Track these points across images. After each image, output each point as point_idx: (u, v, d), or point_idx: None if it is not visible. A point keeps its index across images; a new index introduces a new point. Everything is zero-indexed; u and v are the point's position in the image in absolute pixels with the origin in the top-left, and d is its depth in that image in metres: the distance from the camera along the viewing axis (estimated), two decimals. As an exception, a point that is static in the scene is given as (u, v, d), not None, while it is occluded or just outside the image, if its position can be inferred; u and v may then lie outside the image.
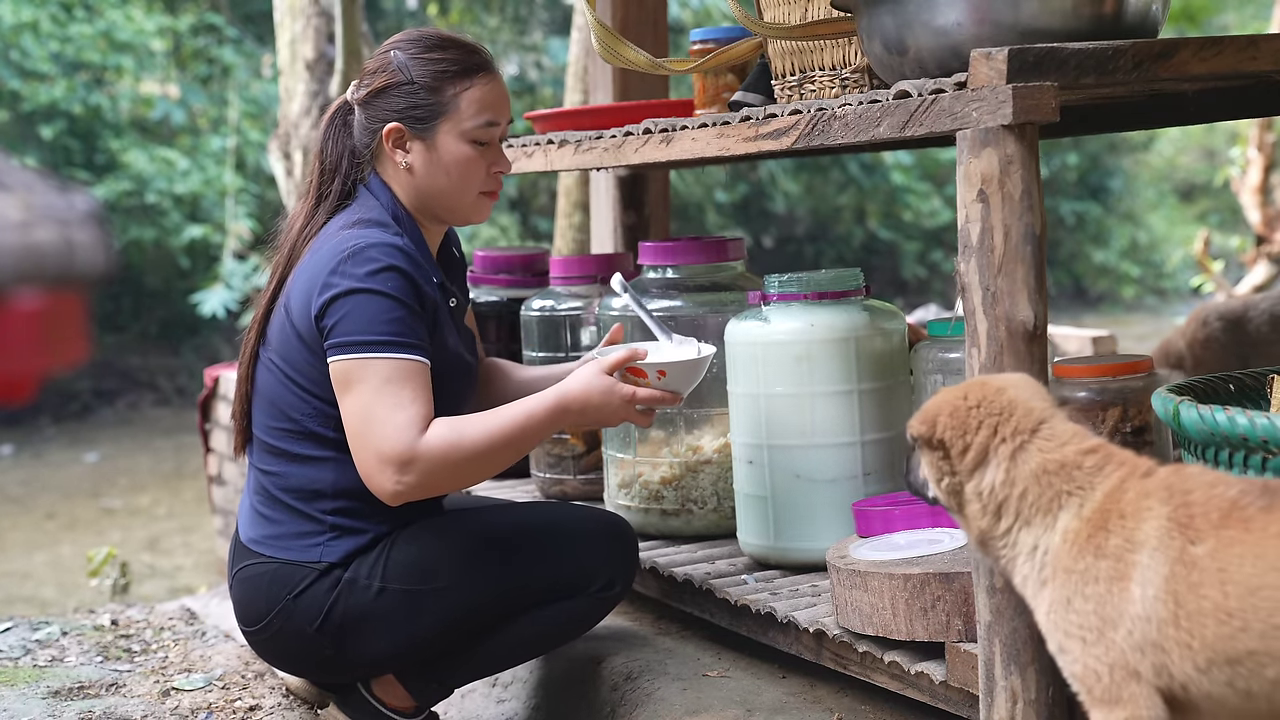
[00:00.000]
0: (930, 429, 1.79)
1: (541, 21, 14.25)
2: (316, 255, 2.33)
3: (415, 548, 2.37)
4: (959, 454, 1.77)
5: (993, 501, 1.74)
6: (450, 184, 2.39)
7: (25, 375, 0.97)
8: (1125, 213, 18.24)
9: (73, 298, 0.99)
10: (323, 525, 2.37)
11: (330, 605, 2.35)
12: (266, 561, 2.39)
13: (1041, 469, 1.72)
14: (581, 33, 5.68)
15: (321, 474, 2.36)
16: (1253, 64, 2.05)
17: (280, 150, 5.60)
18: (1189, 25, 10.28)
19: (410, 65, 2.36)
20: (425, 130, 2.37)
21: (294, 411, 2.36)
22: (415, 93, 2.35)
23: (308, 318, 2.30)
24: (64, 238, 0.96)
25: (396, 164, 2.39)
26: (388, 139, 2.37)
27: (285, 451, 2.38)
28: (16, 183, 0.97)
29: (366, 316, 2.24)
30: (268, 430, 2.40)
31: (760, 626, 2.52)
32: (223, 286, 10.00)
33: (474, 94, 2.37)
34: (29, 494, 8.98)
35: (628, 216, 3.89)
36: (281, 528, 2.39)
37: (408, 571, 2.36)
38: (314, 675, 2.59)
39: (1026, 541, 1.73)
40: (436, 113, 2.36)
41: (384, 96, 2.37)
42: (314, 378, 2.33)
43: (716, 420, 2.91)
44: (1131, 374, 2.60)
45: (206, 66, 12.58)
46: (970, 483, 1.76)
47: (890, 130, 2.09)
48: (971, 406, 1.77)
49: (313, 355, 2.32)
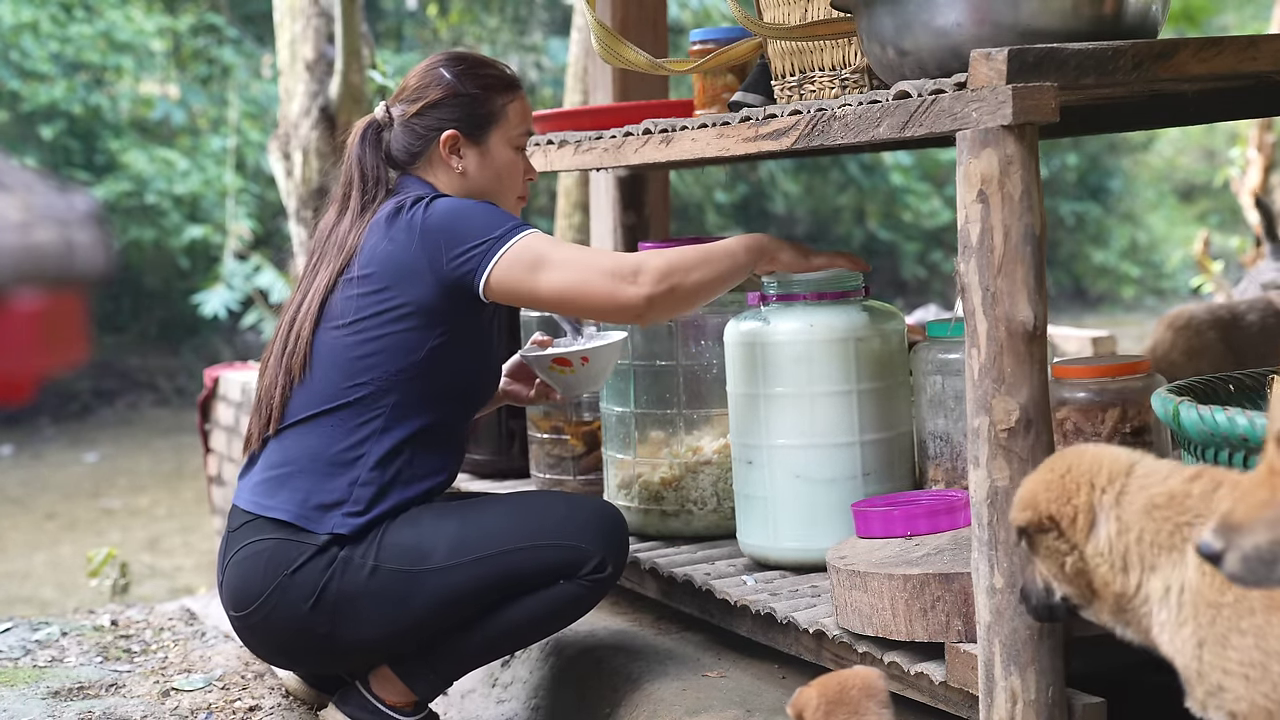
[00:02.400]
0: (1035, 511, 1.72)
1: (541, 22, 14.25)
2: (394, 222, 2.47)
3: (410, 530, 2.41)
4: (1070, 523, 1.69)
5: (1115, 556, 1.66)
6: (499, 186, 2.62)
7: (25, 375, 0.97)
8: (1125, 213, 18.25)
9: (73, 298, 0.99)
10: (347, 497, 2.41)
11: (325, 583, 2.38)
12: (264, 540, 2.42)
13: (1149, 504, 1.65)
14: (581, 33, 5.68)
15: (367, 443, 2.43)
16: (1252, 64, 2.05)
17: (280, 150, 5.60)
18: (1189, 26, 10.28)
19: (464, 79, 2.60)
20: (481, 136, 2.60)
21: (361, 375, 2.44)
22: (471, 103, 2.59)
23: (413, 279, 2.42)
24: (64, 238, 0.96)
25: (451, 168, 2.59)
26: (445, 145, 2.58)
27: (339, 418, 2.44)
28: (16, 183, 0.97)
29: (482, 222, 2.43)
30: (323, 398, 2.46)
31: (760, 627, 2.52)
32: (224, 287, 9.99)
33: (517, 105, 2.63)
34: (29, 494, 8.98)
35: (627, 217, 3.89)
36: (303, 494, 2.42)
37: (401, 552, 2.39)
38: (303, 662, 2.60)
39: (1157, 587, 1.63)
40: (490, 120, 2.60)
41: (439, 108, 2.58)
42: (396, 345, 2.44)
43: (716, 421, 2.91)
44: (1131, 374, 2.60)
45: (206, 67, 12.58)
46: (1089, 546, 1.68)
47: (890, 131, 2.09)
48: (1062, 474, 1.72)
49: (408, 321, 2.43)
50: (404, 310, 2.43)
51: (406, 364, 2.44)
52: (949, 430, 2.61)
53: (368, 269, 2.46)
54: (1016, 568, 1.95)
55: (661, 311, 2.43)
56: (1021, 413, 1.93)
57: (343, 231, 2.52)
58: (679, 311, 2.51)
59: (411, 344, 2.44)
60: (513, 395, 2.89)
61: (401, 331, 2.44)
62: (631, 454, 2.96)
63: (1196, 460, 1.95)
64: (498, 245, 2.40)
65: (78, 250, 0.97)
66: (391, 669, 2.47)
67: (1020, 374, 1.93)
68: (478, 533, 2.43)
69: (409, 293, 2.43)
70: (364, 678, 2.49)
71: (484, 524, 2.45)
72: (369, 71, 5.48)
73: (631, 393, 2.96)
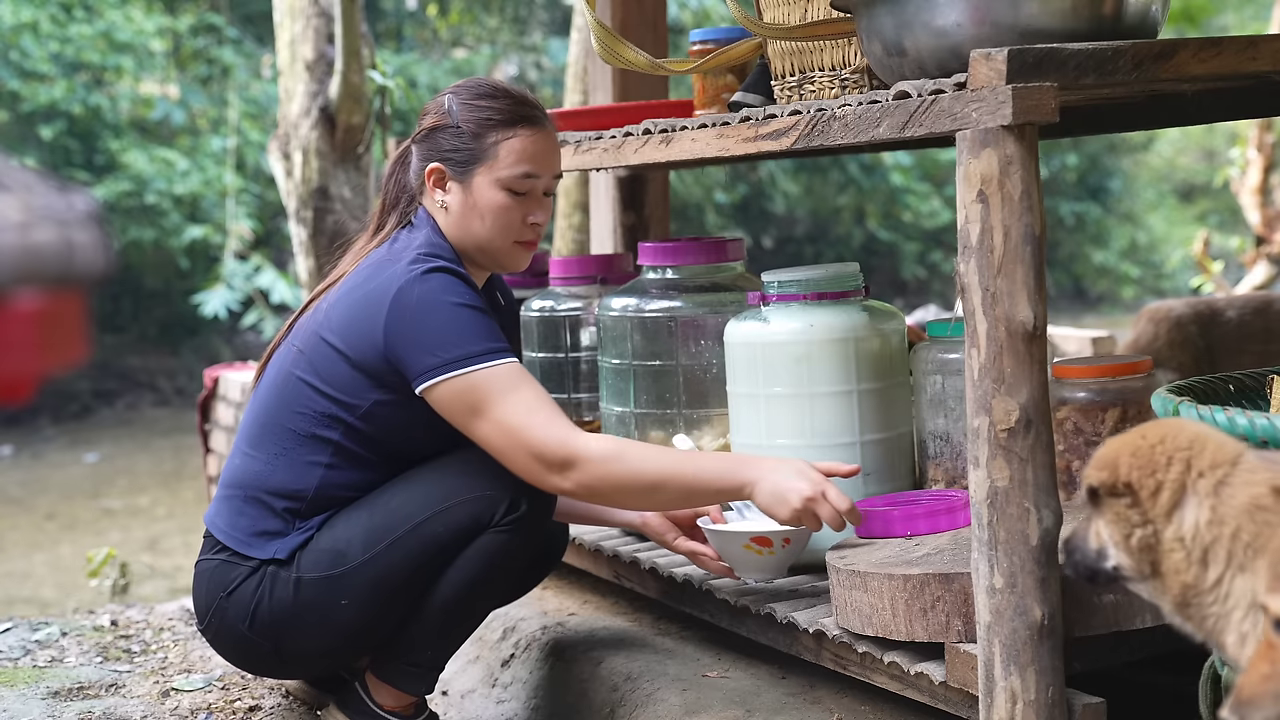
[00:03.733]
0: (1113, 473, 1.60)
1: (541, 22, 14.25)
2: (367, 283, 2.36)
3: (325, 535, 2.37)
4: (1150, 495, 1.57)
5: (1198, 546, 1.55)
6: (484, 229, 2.45)
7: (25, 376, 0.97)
8: (1125, 213, 18.26)
9: (72, 298, 0.99)
10: (288, 529, 2.39)
11: (256, 604, 2.36)
12: (211, 559, 2.42)
13: (1254, 504, 1.53)
14: (581, 33, 5.68)
15: (311, 476, 2.38)
16: (1252, 64, 2.05)
17: (280, 151, 5.60)
18: (1189, 26, 10.27)
19: (457, 110, 2.46)
20: (463, 173, 2.45)
21: (303, 404, 2.39)
22: (458, 136, 2.45)
23: (364, 342, 2.33)
24: (64, 238, 0.96)
25: (435, 202, 2.47)
26: (429, 178, 2.46)
27: (286, 446, 2.40)
28: (16, 183, 0.97)
29: (454, 331, 2.29)
30: (269, 415, 2.42)
31: (760, 627, 2.52)
32: (224, 287, 10.00)
33: (514, 144, 2.44)
34: (29, 494, 8.98)
35: (627, 217, 3.89)
36: (248, 520, 2.41)
37: (318, 558, 2.35)
38: (266, 672, 2.59)
39: (1241, 590, 1.53)
40: (475, 158, 2.44)
41: (432, 137, 2.47)
42: (341, 384, 2.36)
43: (716, 421, 2.91)
44: (1131, 374, 2.60)
45: (206, 67, 12.58)
46: (1169, 528, 1.57)
47: (890, 131, 2.09)
48: (1154, 444, 1.60)
49: (354, 371, 2.35)
50: (354, 362, 2.35)
51: (349, 405, 2.36)
52: (949, 430, 2.61)
53: (334, 313, 2.38)
54: (1016, 568, 1.95)
55: (590, 499, 2.33)
56: (1021, 413, 1.93)
57: (348, 259, 2.50)
58: None
59: (356, 392, 2.36)
60: (654, 534, 2.61)
61: (349, 377, 2.36)
62: (631, 454, 2.96)
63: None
64: (452, 367, 2.27)
65: (78, 250, 0.97)
66: (375, 675, 2.46)
67: (1020, 374, 1.93)
68: (385, 516, 2.36)
69: (360, 352, 2.34)
70: (362, 681, 2.48)
71: (390, 505, 2.37)
72: (369, 72, 5.48)
73: (631, 393, 2.96)
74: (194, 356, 12.61)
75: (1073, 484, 2.58)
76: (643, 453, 2.30)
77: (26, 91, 11.28)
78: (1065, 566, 1.71)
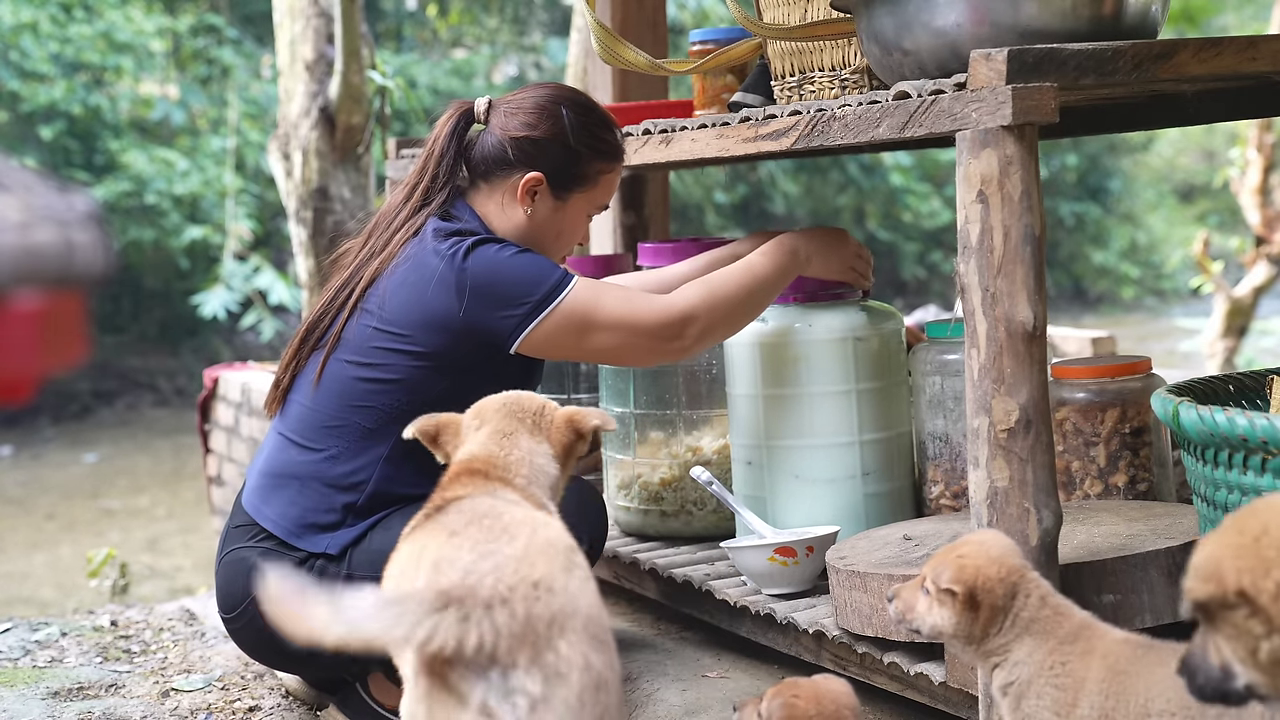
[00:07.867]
0: (1219, 584, 1.36)
1: (541, 22, 14.25)
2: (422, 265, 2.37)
3: (382, 535, 2.36)
4: (1272, 599, 1.33)
5: None
6: (555, 243, 2.55)
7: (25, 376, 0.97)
8: (1124, 213, 18.26)
9: (72, 298, 0.99)
10: (341, 521, 2.37)
11: None
12: (250, 547, 2.39)
13: None
14: (581, 34, 5.68)
15: (368, 469, 2.38)
16: (1252, 65, 2.05)
17: (280, 151, 5.60)
18: (1188, 26, 10.28)
19: (578, 132, 2.50)
20: (565, 192, 2.51)
21: (367, 400, 2.39)
22: (573, 159, 2.49)
23: (432, 325, 2.35)
24: (63, 238, 0.96)
25: (519, 207, 2.49)
26: (526, 184, 2.48)
27: (343, 439, 2.39)
28: (16, 183, 0.97)
29: (526, 277, 2.36)
30: (327, 415, 2.41)
31: (760, 627, 2.52)
32: (223, 288, 9.99)
33: (612, 179, 2.56)
34: (28, 495, 8.98)
35: (627, 217, 3.89)
36: (298, 510, 2.39)
37: (372, 560, 2.33)
38: (292, 667, 2.58)
39: None
40: (582, 182, 2.52)
41: (540, 146, 2.49)
42: (404, 374, 2.37)
43: (715, 421, 2.91)
44: (1130, 375, 2.60)
45: (206, 67, 12.58)
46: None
47: (890, 131, 2.09)
48: (1257, 537, 1.36)
49: (415, 361, 2.37)
50: (421, 354, 2.37)
51: (415, 400, 2.37)
52: (948, 430, 2.61)
53: (388, 309, 2.39)
54: (1016, 568, 1.95)
55: (710, 344, 2.48)
56: (1021, 413, 1.93)
57: (399, 221, 2.47)
58: None
59: (421, 382, 2.38)
60: None
61: (414, 369, 2.38)
62: (631, 454, 2.96)
63: (1196, 460, 1.95)
64: (541, 307, 2.34)
65: (78, 250, 0.97)
66: (386, 676, 2.45)
67: (1020, 374, 1.93)
68: None
69: (430, 342, 2.37)
70: (363, 681, 2.48)
71: None
72: (369, 72, 5.48)
73: (631, 393, 2.96)
74: (193, 357, 12.61)
75: (1072, 484, 2.58)
76: (712, 283, 2.43)
77: (26, 92, 11.28)
78: (1191, 691, 1.46)
